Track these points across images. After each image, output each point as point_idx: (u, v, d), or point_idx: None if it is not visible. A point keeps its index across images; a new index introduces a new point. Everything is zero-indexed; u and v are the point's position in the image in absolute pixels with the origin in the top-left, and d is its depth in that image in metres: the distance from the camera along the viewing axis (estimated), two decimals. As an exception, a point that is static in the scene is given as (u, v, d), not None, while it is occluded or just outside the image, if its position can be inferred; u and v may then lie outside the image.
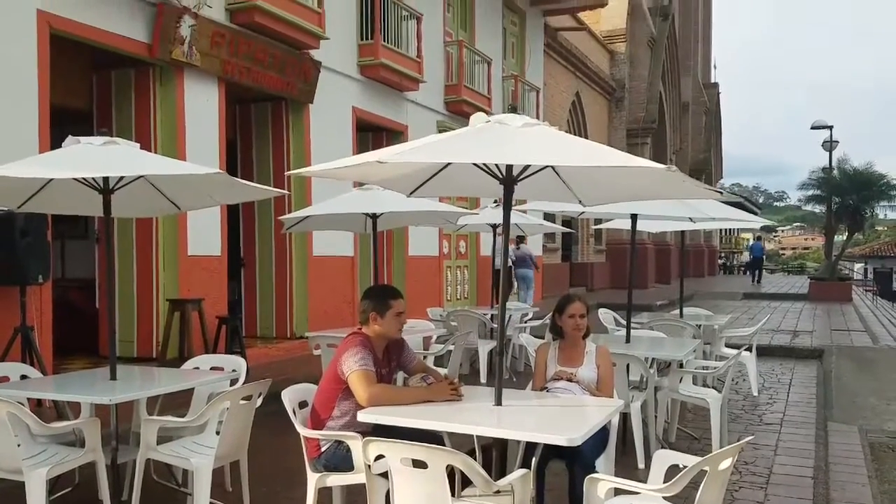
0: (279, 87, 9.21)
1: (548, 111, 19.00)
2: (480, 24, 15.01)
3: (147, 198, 4.45)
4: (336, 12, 10.10)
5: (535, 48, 17.99)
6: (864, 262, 43.02)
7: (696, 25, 35.10)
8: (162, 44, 7.30)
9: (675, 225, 7.23)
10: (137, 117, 7.83)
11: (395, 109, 12.08)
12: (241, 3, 8.21)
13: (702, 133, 34.63)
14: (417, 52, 11.95)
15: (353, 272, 11.08)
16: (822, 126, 22.68)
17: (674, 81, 29.45)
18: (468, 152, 3.01)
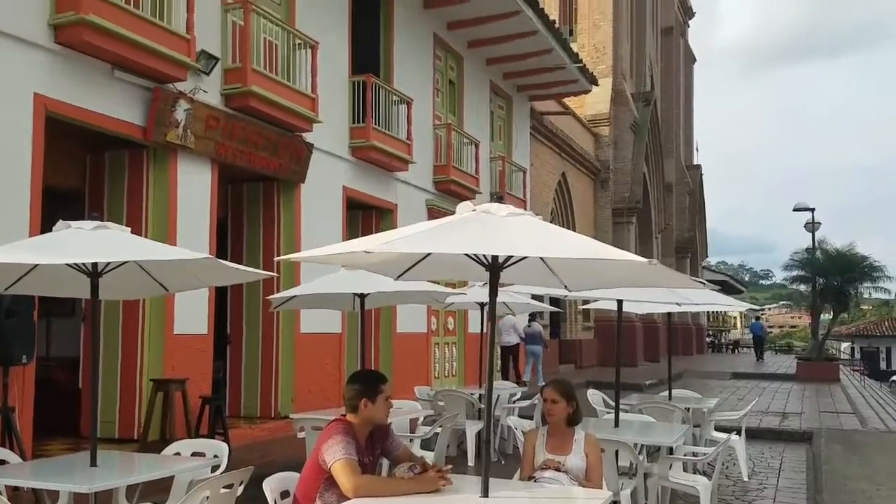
0: (272, 167, 9.38)
1: (534, 191, 19.36)
2: (469, 108, 15.46)
3: (135, 280, 4.47)
4: (329, 96, 10.39)
5: (521, 131, 18.48)
6: (850, 342, 43.14)
7: (678, 110, 36.25)
8: (157, 127, 7.47)
9: (661, 307, 7.29)
10: (130, 198, 7.92)
11: (385, 189, 12.28)
12: (236, 88, 8.45)
13: (686, 213, 35.25)
14: (407, 135, 12.26)
15: (341, 349, 11.00)
16: (804, 208, 23.20)
17: (657, 163, 30.17)
18: (455, 243, 3.07)
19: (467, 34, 14.77)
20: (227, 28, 8.55)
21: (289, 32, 9.27)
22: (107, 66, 7.02)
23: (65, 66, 6.69)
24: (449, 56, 14.77)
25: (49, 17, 6.48)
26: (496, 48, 15.48)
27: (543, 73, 17.15)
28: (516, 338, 15.50)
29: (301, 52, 9.52)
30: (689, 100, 40.36)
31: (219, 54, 8.36)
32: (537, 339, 15.78)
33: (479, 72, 15.92)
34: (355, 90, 11.22)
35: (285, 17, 9.67)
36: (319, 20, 10.34)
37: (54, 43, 6.55)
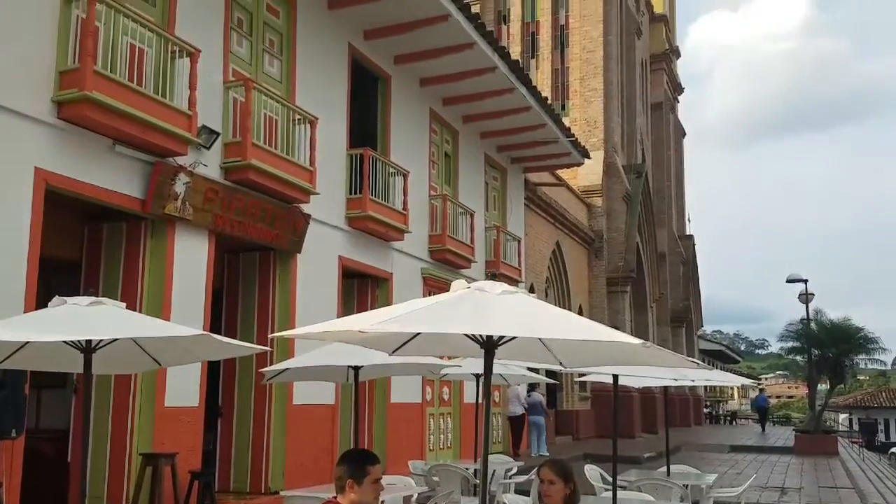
0: (269, 238, 9.46)
1: (529, 260, 19.48)
2: (464, 179, 15.72)
3: (129, 355, 4.47)
4: (327, 169, 10.58)
5: (515, 201, 18.74)
6: (848, 413, 42.66)
7: (669, 182, 36.89)
8: (156, 199, 7.57)
9: (658, 382, 7.26)
10: (126, 269, 7.95)
11: (380, 258, 12.35)
12: (236, 161, 8.60)
13: (680, 282, 35.40)
14: (403, 206, 12.41)
15: (334, 421, 10.85)
16: (797, 279, 23.35)
17: (650, 233, 30.49)
18: (450, 323, 3.10)
19: (462, 109, 15.15)
20: (229, 104, 8.77)
21: (289, 108, 9.50)
22: (108, 141, 7.16)
23: (66, 141, 6.83)
24: (444, 130, 15.10)
25: (53, 93, 6.64)
26: (490, 123, 15.85)
27: (537, 147, 17.51)
28: (521, 408, 15.42)
29: (300, 126, 9.74)
30: (680, 172, 41.11)
31: (220, 129, 8.55)
32: (538, 409, 15.79)
33: (473, 145, 16.25)
34: (353, 163, 11.42)
35: (286, 94, 9.94)
36: (319, 96, 10.62)
37: (57, 118, 6.69)
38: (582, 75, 26.40)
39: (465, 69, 13.26)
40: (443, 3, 10.96)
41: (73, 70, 6.58)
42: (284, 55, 10.07)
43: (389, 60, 12.67)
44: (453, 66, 13.14)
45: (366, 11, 11.10)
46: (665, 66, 38.01)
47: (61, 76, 6.62)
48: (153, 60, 7.35)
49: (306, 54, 10.37)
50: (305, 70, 10.35)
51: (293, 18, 10.11)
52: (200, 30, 8.34)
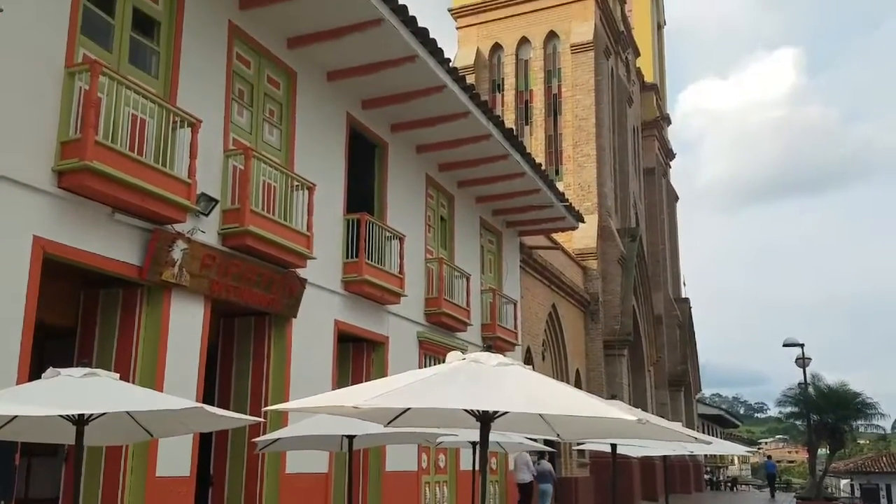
0: (264, 303, 9.46)
1: (525, 322, 19.43)
2: (459, 242, 15.82)
3: (121, 426, 4.43)
4: (324, 233, 10.66)
5: (511, 264, 18.82)
6: (849, 478, 41.92)
7: (664, 245, 37.18)
8: (153, 267, 7.60)
9: (656, 451, 7.17)
10: (121, 336, 7.91)
11: (376, 322, 12.32)
12: (234, 227, 8.67)
13: (677, 345, 35.27)
14: (400, 269, 12.46)
15: (328, 490, 10.62)
16: (794, 344, 23.31)
17: (646, 296, 30.54)
18: (445, 397, 3.10)
19: (458, 175, 15.37)
20: (228, 171, 8.90)
21: (287, 175, 9.64)
22: (107, 209, 7.23)
23: (65, 210, 6.89)
24: (440, 195, 15.29)
25: (54, 163, 6.73)
26: (486, 188, 16.06)
27: (531, 211, 17.69)
28: (530, 475, 15.19)
29: (298, 192, 9.86)
30: (674, 236, 41.48)
31: (218, 196, 8.66)
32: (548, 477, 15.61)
33: (469, 209, 16.42)
34: (349, 227, 11.52)
35: (284, 161, 10.10)
36: (317, 163, 10.79)
37: (57, 187, 6.77)
38: (575, 141, 26.91)
39: (461, 137, 13.51)
40: (439, 75, 11.25)
41: (74, 140, 6.69)
42: (284, 124, 10.28)
43: (387, 128, 12.92)
44: (449, 134, 13.40)
45: (364, 82, 11.38)
46: (656, 132, 38.80)
47: (63, 146, 6.73)
48: (154, 130, 7.49)
49: (305, 123, 10.59)
50: (304, 138, 10.55)
51: (293, 89, 10.36)
52: (202, 100, 8.53)
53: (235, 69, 9.29)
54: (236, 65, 9.31)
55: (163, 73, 8.19)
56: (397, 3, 9.71)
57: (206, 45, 8.70)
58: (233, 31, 9.16)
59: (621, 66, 32.22)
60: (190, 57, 8.40)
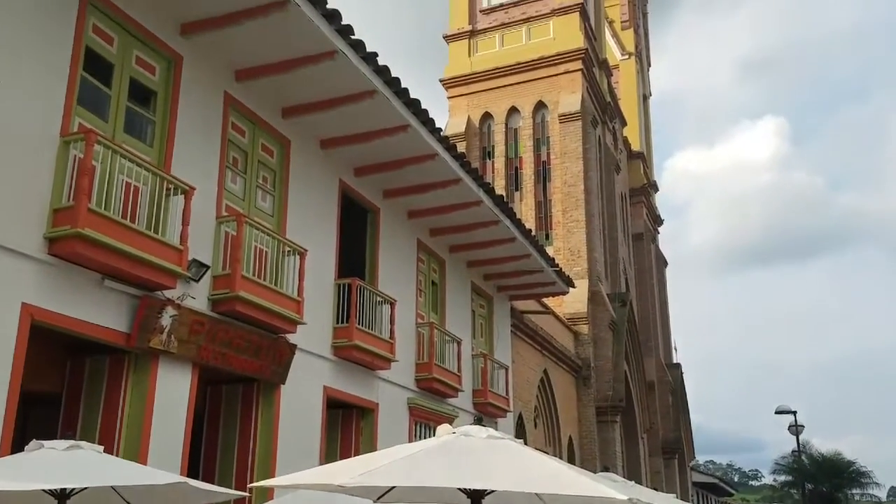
0: (253, 369, 9.35)
1: (517, 388, 19.24)
2: (450, 307, 15.80)
3: (104, 501, 4.31)
4: (314, 298, 10.63)
5: (502, 329, 18.76)
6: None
7: (654, 310, 37.27)
8: (141, 333, 7.54)
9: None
10: (106, 405, 7.78)
11: (366, 388, 12.17)
12: (224, 293, 8.65)
13: (670, 412, 34.93)
14: (390, 334, 12.39)
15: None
16: (786, 411, 23.13)
17: (638, 362, 30.42)
18: (434, 475, 3.05)
19: (449, 240, 15.48)
20: (220, 237, 8.94)
21: (279, 241, 9.69)
22: (97, 276, 7.21)
23: (55, 277, 6.87)
24: (432, 259, 15.35)
25: (46, 230, 6.75)
26: (477, 252, 16.15)
27: (522, 276, 17.76)
28: None
29: (290, 258, 9.89)
30: (664, 301, 41.64)
31: (209, 262, 8.67)
32: None
33: (460, 273, 16.47)
34: (340, 292, 11.50)
35: (277, 227, 10.16)
36: (309, 229, 10.85)
37: (48, 254, 6.77)
38: (564, 207, 27.26)
39: (453, 203, 13.67)
40: (431, 144, 11.46)
41: (67, 208, 6.73)
42: (277, 190, 10.38)
43: (379, 194, 13.07)
44: (441, 200, 13.56)
45: (357, 150, 11.57)
46: (644, 199, 39.41)
47: (55, 213, 6.76)
48: (148, 197, 7.55)
49: (298, 189, 10.70)
50: (297, 204, 10.64)
51: (287, 157, 10.51)
52: (197, 168, 8.64)
53: (230, 137, 9.44)
54: (231, 133, 9.46)
55: (158, 141, 8.31)
56: (391, 76, 9.96)
57: (201, 114, 8.86)
58: (228, 101, 9.35)
59: (608, 135, 32.94)
60: (185, 126, 8.54)
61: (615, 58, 42.31)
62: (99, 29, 7.62)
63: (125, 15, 7.83)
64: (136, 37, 8.02)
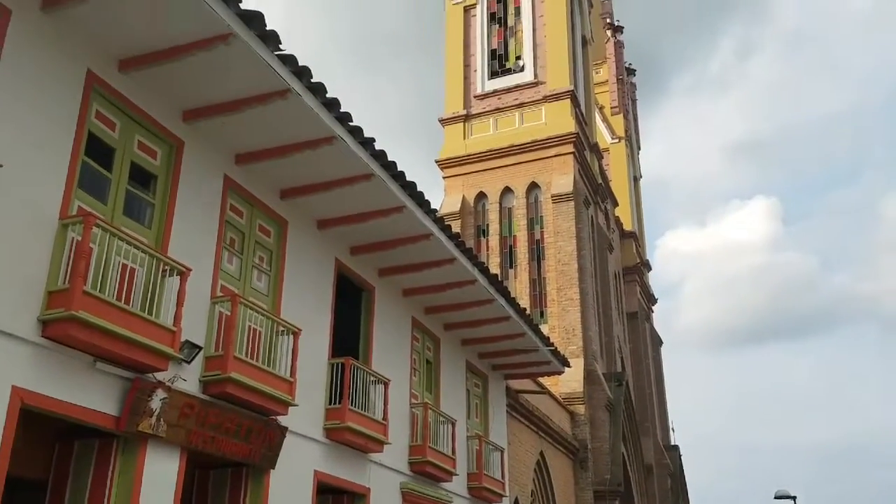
0: (242, 454, 9.15)
1: (513, 470, 18.82)
2: (445, 386, 15.63)
3: None
4: (307, 379, 10.52)
5: (497, 409, 18.50)
6: None
7: (650, 390, 36.92)
8: (131, 417, 7.42)
9: None
10: (92, 491, 7.54)
11: (357, 472, 11.90)
12: (215, 375, 8.56)
13: (668, 496, 34.06)
14: (384, 415, 12.20)
15: None
16: (786, 496, 22.61)
17: (635, 444, 29.89)
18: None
19: (444, 318, 15.46)
20: (214, 318, 8.92)
21: (273, 321, 9.67)
22: (89, 359, 7.15)
23: (47, 360, 6.80)
24: (426, 337, 15.29)
25: (40, 312, 6.73)
26: (471, 331, 16.10)
27: (517, 355, 17.66)
28: None
29: (283, 337, 9.84)
30: (661, 381, 41.32)
31: (202, 342, 8.62)
32: None
33: (455, 352, 16.37)
34: (334, 372, 11.40)
35: (271, 307, 10.16)
36: (304, 308, 10.85)
37: (41, 337, 6.73)
38: (559, 285, 27.38)
39: (447, 281, 13.73)
40: (426, 224, 11.61)
41: (62, 290, 6.73)
42: (273, 270, 10.44)
43: (374, 273, 13.14)
44: (435, 279, 13.62)
45: (353, 230, 11.70)
46: (637, 278, 39.68)
47: (50, 295, 6.76)
48: (143, 278, 7.56)
49: (294, 269, 10.76)
50: (292, 284, 10.68)
51: (284, 237, 10.62)
52: (193, 249, 8.71)
53: (228, 219, 9.55)
54: (229, 215, 9.58)
55: (156, 223, 8.40)
56: (387, 160, 10.19)
57: (200, 197, 8.99)
58: (228, 183, 9.51)
59: (601, 214, 33.44)
60: (184, 208, 8.66)
61: (606, 141, 43.52)
62: (102, 115, 7.81)
63: (128, 101, 8.05)
64: (139, 122, 8.22)
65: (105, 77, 7.74)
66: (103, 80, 7.72)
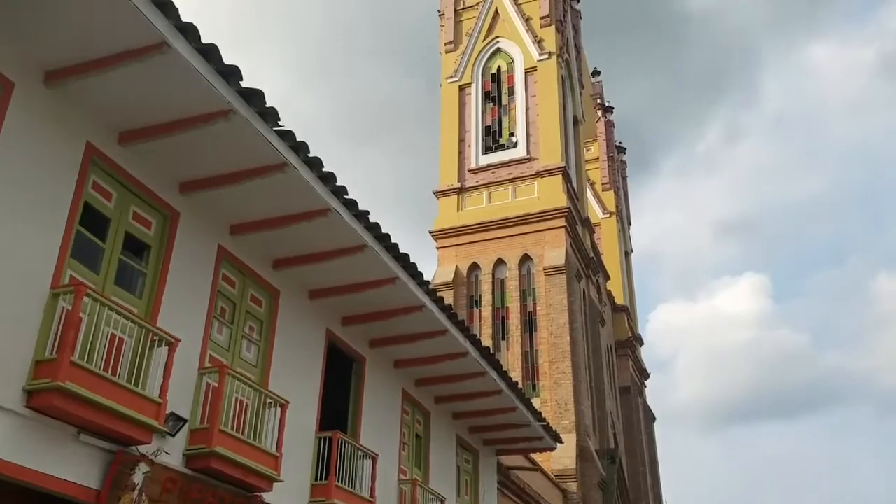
0: (223, 531, 8.86)
1: (503, 553, 18.23)
2: (434, 462, 15.31)
3: None
4: (293, 452, 10.29)
5: (489, 486, 18.08)
6: None
7: (644, 467, 36.22)
8: (112, 491, 7.22)
9: None
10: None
11: (342, 552, 11.49)
12: (200, 448, 8.38)
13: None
14: (371, 492, 11.89)
15: None
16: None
17: (630, 522, 29.11)
18: None
19: (435, 391, 15.28)
20: (201, 389, 8.80)
21: (260, 393, 9.54)
22: (72, 430, 7.01)
23: (30, 431, 6.67)
24: (416, 411, 15.07)
25: (26, 382, 6.64)
26: (462, 404, 15.89)
27: (509, 429, 17.38)
28: None
29: (271, 409, 9.68)
30: (654, 456, 40.60)
31: (188, 414, 8.48)
32: None
33: (445, 426, 16.10)
34: (321, 446, 11.17)
35: (260, 378, 10.04)
36: (293, 379, 10.72)
37: (24, 407, 6.61)
38: (551, 358, 27.20)
39: (439, 353, 13.63)
40: (418, 296, 11.63)
41: (49, 360, 6.65)
42: (263, 340, 10.36)
43: (365, 344, 13.05)
44: (427, 350, 13.54)
45: (345, 301, 11.69)
46: (630, 352, 39.53)
47: (37, 365, 6.68)
48: (131, 349, 7.49)
49: (284, 339, 10.68)
50: (282, 354, 10.59)
51: (275, 307, 10.59)
52: (184, 319, 8.67)
53: (220, 288, 9.54)
54: (221, 285, 9.57)
55: (147, 293, 8.38)
56: (381, 232, 10.29)
57: (193, 267, 9.01)
58: (221, 253, 9.54)
59: (592, 288, 33.56)
60: (176, 278, 8.66)
61: (597, 216, 44.14)
62: (99, 185, 7.88)
63: (126, 173, 8.14)
64: (135, 193, 8.30)
65: (104, 149, 7.86)
66: (102, 153, 7.84)
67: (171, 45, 6.82)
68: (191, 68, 7.08)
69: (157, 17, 6.64)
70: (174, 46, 6.85)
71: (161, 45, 6.82)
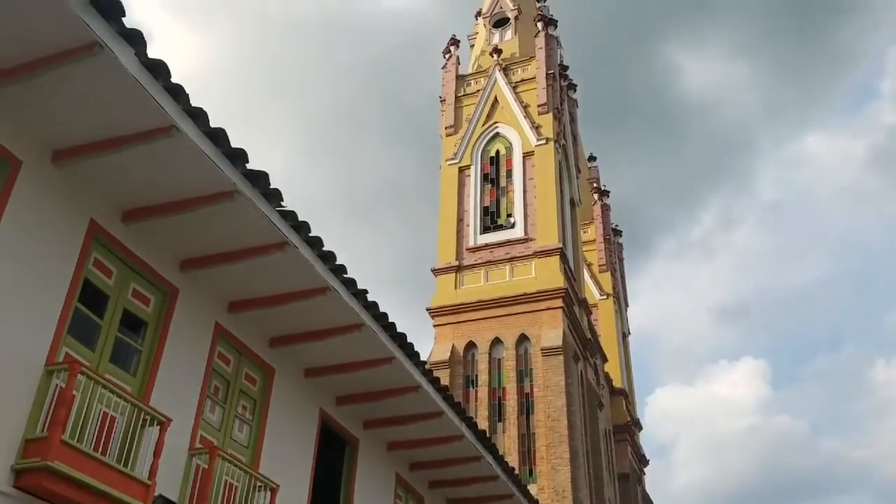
0: None
1: None
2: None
3: None
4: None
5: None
6: None
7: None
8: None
9: None
10: None
11: None
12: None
13: None
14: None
15: None
16: None
17: None
18: None
19: (429, 475, 14.93)
20: (191, 470, 8.60)
21: (251, 475, 9.32)
22: (59, 512, 6.84)
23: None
24: (410, 496, 14.66)
25: (14, 461, 6.51)
26: (457, 490, 15.49)
27: (506, 518, 16.86)
28: None
29: (260, 493, 9.43)
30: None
31: (177, 495, 8.26)
32: None
33: (439, 513, 15.63)
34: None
35: (251, 459, 9.82)
36: (284, 461, 10.49)
37: (12, 486, 6.47)
38: (548, 442, 26.65)
39: (433, 436, 13.39)
40: (414, 377, 11.53)
41: (40, 438, 6.55)
42: (255, 420, 10.20)
43: (359, 425, 12.84)
44: (421, 433, 13.30)
45: (340, 380, 11.58)
46: (628, 437, 38.78)
47: (27, 444, 6.57)
48: (122, 427, 7.38)
49: (277, 419, 10.51)
50: (274, 434, 10.39)
51: (269, 386, 10.47)
52: (177, 398, 8.56)
53: (215, 366, 9.46)
54: (216, 363, 9.50)
55: (142, 370, 8.30)
56: (379, 311, 10.30)
57: (189, 344, 8.97)
58: (218, 331, 9.51)
59: (590, 370, 33.24)
60: (171, 356, 8.60)
61: (594, 297, 44.15)
62: (100, 263, 7.93)
63: (128, 251, 8.21)
64: (136, 270, 8.34)
65: (107, 227, 7.96)
66: (105, 230, 7.93)
67: (179, 129, 7.02)
68: (198, 151, 7.26)
69: (167, 102, 6.85)
70: (183, 130, 7.04)
71: (170, 129, 7.01)
